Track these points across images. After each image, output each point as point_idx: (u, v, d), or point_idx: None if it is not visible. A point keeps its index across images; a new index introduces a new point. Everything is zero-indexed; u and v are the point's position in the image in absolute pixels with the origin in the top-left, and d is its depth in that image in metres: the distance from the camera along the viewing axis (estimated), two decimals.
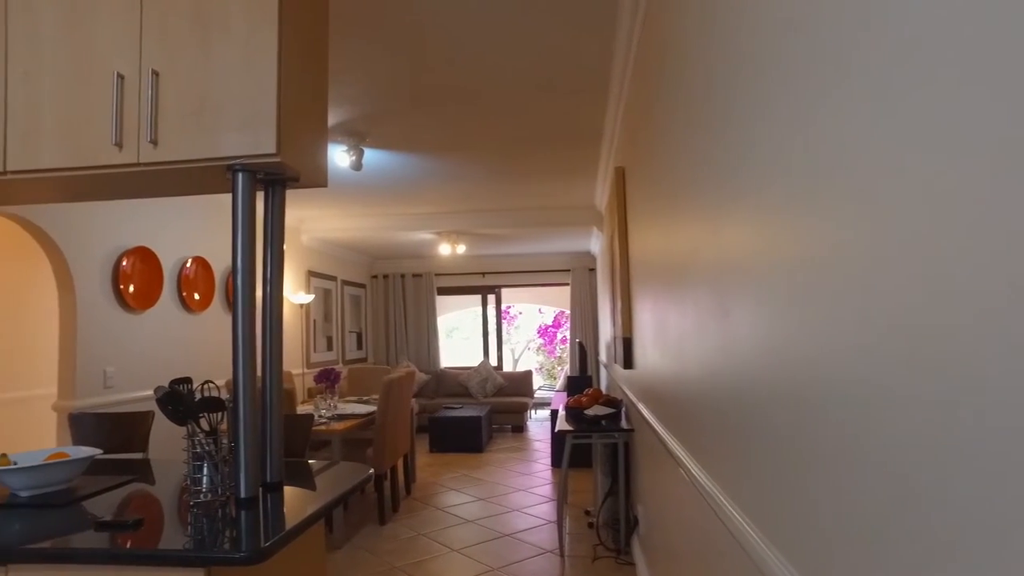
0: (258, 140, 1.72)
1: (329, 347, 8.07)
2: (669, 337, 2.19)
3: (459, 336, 13.27)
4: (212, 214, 5.40)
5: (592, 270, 9.50)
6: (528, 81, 3.45)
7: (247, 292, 1.72)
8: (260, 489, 1.79)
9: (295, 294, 7.05)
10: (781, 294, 1.00)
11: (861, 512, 0.75)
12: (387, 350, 9.75)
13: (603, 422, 3.86)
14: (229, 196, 1.77)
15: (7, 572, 1.43)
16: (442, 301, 10.04)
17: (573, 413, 4.00)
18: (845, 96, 0.76)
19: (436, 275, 9.84)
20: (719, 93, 1.36)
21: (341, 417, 4.58)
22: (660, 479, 2.59)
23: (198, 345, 5.15)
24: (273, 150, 1.71)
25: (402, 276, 9.80)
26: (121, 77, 1.83)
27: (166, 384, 1.71)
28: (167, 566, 1.39)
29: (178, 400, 1.67)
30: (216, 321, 5.40)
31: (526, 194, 6.24)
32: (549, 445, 7.60)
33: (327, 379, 4.77)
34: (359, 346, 9.23)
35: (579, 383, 5.94)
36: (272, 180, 1.89)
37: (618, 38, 2.96)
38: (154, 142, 1.78)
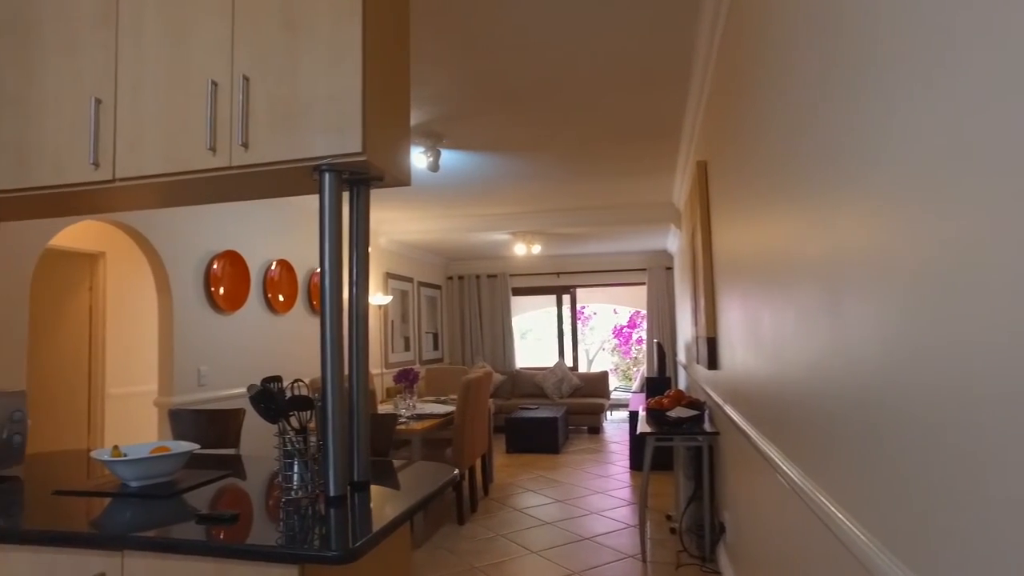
0: (344, 140, 1.74)
1: (407, 347, 8.22)
2: (763, 337, 2.08)
3: (532, 337, 13.26)
4: (294, 218, 5.58)
5: (669, 269, 9.29)
6: (606, 76, 3.38)
7: (334, 292, 1.73)
8: (348, 488, 1.80)
9: (374, 295, 7.21)
10: (916, 290, 0.91)
11: None
12: (463, 351, 9.84)
13: (685, 425, 3.74)
14: (311, 200, 1.80)
15: (123, 557, 1.49)
16: (516, 302, 10.05)
17: (654, 415, 3.89)
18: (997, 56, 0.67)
19: (511, 276, 9.87)
20: (838, 65, 1.26)
21: (420, 417, 4.63)
22: (751, 484, 2.47)
23: (282, 345, 5.33)
24: (359, 149, 1.72)
25: (477, 277, 9.87)
26: (215, 84, 1.88)
27: (258, 383, 1.75)
28: (262, 561, 1.41)
29: (270, 398, 1.70)
30: (299, 322, 5.58)
31: (602, 192, 6.15)
32: (627, 447, 7.47)
33: (406, 379, 4.84)
34: (435, 347, 9.36)
35: (658, 385, 5.80)
36: (357, 180, 1.90)
37: (701, 27, 2.85)
38: (245, 145, 1.82)
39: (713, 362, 3.49)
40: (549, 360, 9.65)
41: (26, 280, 3.10)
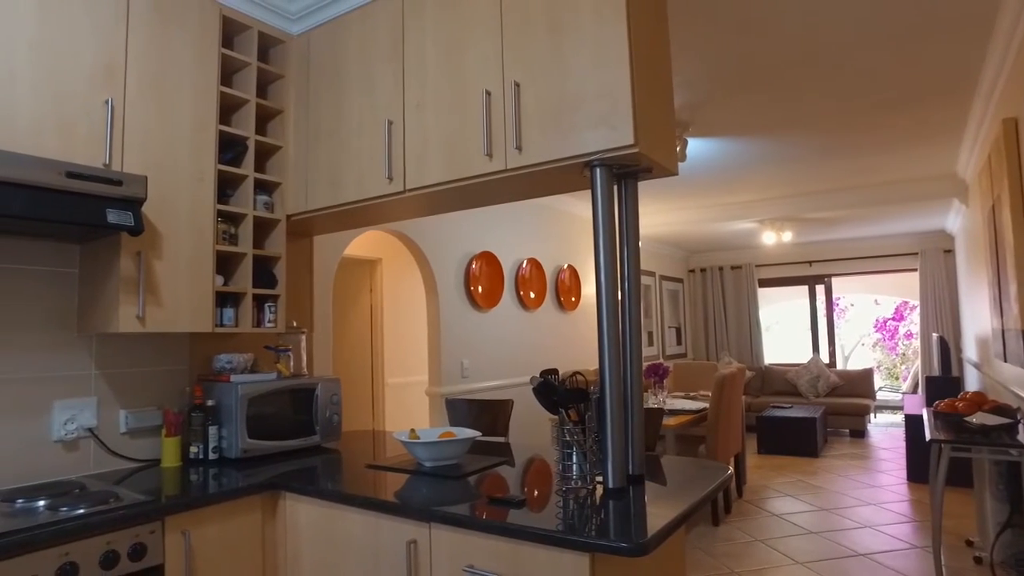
0: (615, 134, 1.74)
1: (650, 343, 8.16)
2: None
3: (779, 331, 12.34)
4: (543, 217, 5.82)
5: (949, 251, 8.03)
6: (875, 32, 2.99)
7: (610, 286, 1.75)
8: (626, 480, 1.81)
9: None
10: None
11: None
12: (707, 345, 9.50)
13: (992, 434, 3.17)
14: (557, 199, 1.83)
15: (430, 528, 1.66)
16: (761, 294, 9.44)
17: (947, 420, 3.37)
18: None
19: (757, 266, 9.29)
20: None
21: (672, 412, 4.54)
22: None
23: (534, 340, 5.59)
24: (631, 141, 1.71)
25: (720, 269, 9.46)
26: (488, 94, 2.01)
27: (538, 375, 1.82)
28: (555, 546, 1.46)
29: (551, 390, 1.76)
30: (548, 318, 5.80)
31: (865, 169, 5.50)
32: (901, 455, 6.62)
33: (655, 374, 4.78)
34: (678, 341, 9.16)
35: (943, 385, 5.04)
36: (625, 174, 1.90)
37: None
38: (519, 148, 1.92)
39: None
40: (798, 356, 8.91)
41: (330, 284, 3.62)
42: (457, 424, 2.98)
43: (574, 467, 1.80)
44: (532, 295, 5.54)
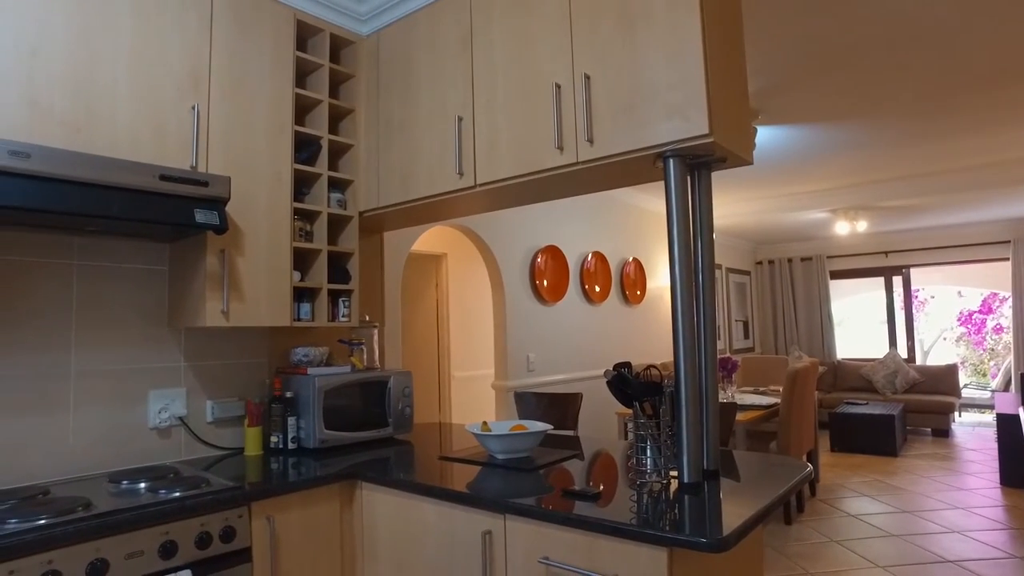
0: (690, 124, 1.72)
1: (717, 336, 8.00)
2: None
3: (852, 325, 11.86)
4: (607, 211, 5.78)
5: None
6: (970, 3, 2.83)
7: (684, 278, 1.72)
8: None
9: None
10: None
11: None
12: (775, 339, 9.24)
13: None
14: (623, 192, 1.81)
15: (505, 520, 1.68)
16: (832, 286, 9.10)
17: None
18: None
19: (828, 258, 8.96)
20: None
21: (741, 408, 4.44)
22: None
23: (598, 334, 5.56)
24: (706, 131, 1.68)
25: (789, 261, 9.17)
26: (558, 87, 2.01)
27: (611, 368, 1.82)
28: (632, 540, 1.45)
29: (626, 383, 1.75)
30: (613, 312, 5.76)
31: (951, 153, 5.21)
32: (992, 457, 6.27)
33: (724, 368, 4.68)
34: (745, 335, 8.94)
35: None
36: (698, 164, 1.87)
37: None
38: (590, 140, 1.91)
39: None
40: (871, 350, 8.54)
41: (399, 279, 3.70)
42: (526, 417, 3.00)
43: (648, 461, 1.79)
44: (597, 288, 5.51)
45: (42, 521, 1.54)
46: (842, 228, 6.78)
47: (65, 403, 2.09)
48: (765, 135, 4.47)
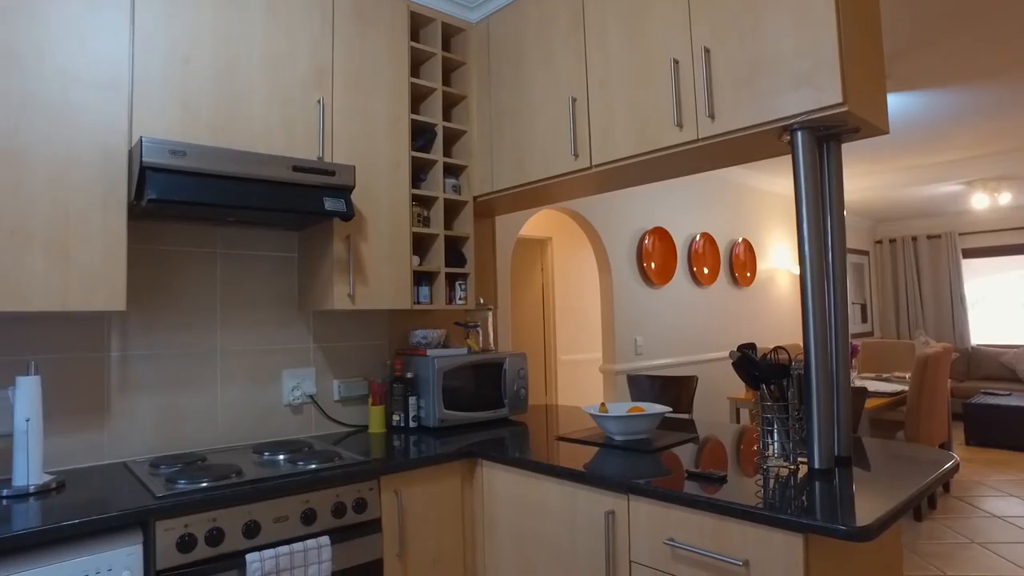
0: (820, 93, 1.63)
1: None
2: None
3: (987, 307, 10.87)
4: (715, 191, 5.59)
5: None
6: None
7: (815, 258, 1.65)
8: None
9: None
10: None
11: None
12: (896, 323, 8.64)
13: None
14: (731, 171, 1.73)
15: (628, 500, 1.68)
16: (964, 265, 8.38)
17: None
18: None
19: (960, 235, 8.26)
20: None
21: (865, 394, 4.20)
22: None
23: (707, 317, 5.41)
24: (839, 100, 1.59)
25: (914, 239, 8.53)
26: (676, 62, 1.96)
27: (735, 349, 1.77)
28: (765, 525, 1.42)
29: (753, 364, 1.70)
30: (722, 294, 5.58)
31: None
32: None
33: None
34: (863, 318, 8.42)
35: None
36: (827, 136, 1.77)
37: None
38: (711, 116, 1.85)
39: None
40: (1014, 336, 7.80)
41: (508, 263, 3.75)
42: (639, 400, 2.98)
43: (775, 445, 1.73)
44: (706, 271, 5.35)
45: (204, 484, 1.70)
46: (980, 201, 6.22)
47: (214, 380, 2.28)
48: (891, 102, 4.17)
